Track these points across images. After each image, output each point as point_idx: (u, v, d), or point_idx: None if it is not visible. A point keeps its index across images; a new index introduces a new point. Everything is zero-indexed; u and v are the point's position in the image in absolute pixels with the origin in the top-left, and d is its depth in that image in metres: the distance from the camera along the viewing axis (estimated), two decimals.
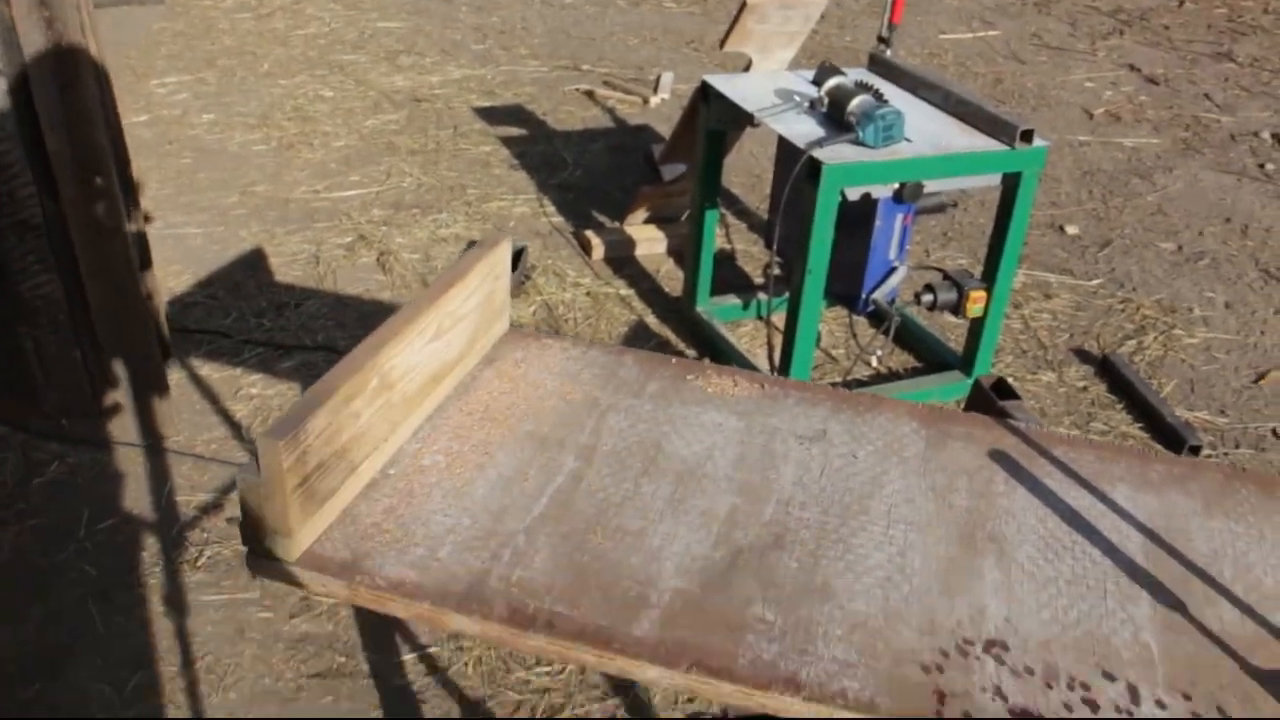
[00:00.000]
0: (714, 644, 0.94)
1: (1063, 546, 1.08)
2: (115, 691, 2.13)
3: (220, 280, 3.51)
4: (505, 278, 1.37)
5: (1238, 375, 3.31)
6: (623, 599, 0.98)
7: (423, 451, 1.17)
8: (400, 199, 4.06)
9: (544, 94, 5.13)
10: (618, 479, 1.14)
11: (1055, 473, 1.19)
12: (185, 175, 4.18)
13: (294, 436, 0.96)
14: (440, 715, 2.12)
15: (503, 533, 1.06)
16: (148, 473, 2.68)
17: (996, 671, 0.93)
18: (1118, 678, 0.94)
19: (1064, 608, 1.01)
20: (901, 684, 0.91)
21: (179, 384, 3.00)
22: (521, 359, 1.34)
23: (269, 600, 2.34)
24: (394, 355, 1.13)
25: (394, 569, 1.01)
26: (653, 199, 3.81)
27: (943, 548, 1.07)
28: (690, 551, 1.04)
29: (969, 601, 1.01)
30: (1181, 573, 1.07)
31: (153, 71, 5.15)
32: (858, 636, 0.96)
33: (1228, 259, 3.95)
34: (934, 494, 1.15)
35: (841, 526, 1.09)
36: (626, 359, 1.34)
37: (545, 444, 1.19)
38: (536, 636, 0.95)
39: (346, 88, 5.05)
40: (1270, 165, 4.70)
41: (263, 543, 1.01)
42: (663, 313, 3.46)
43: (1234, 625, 1.01)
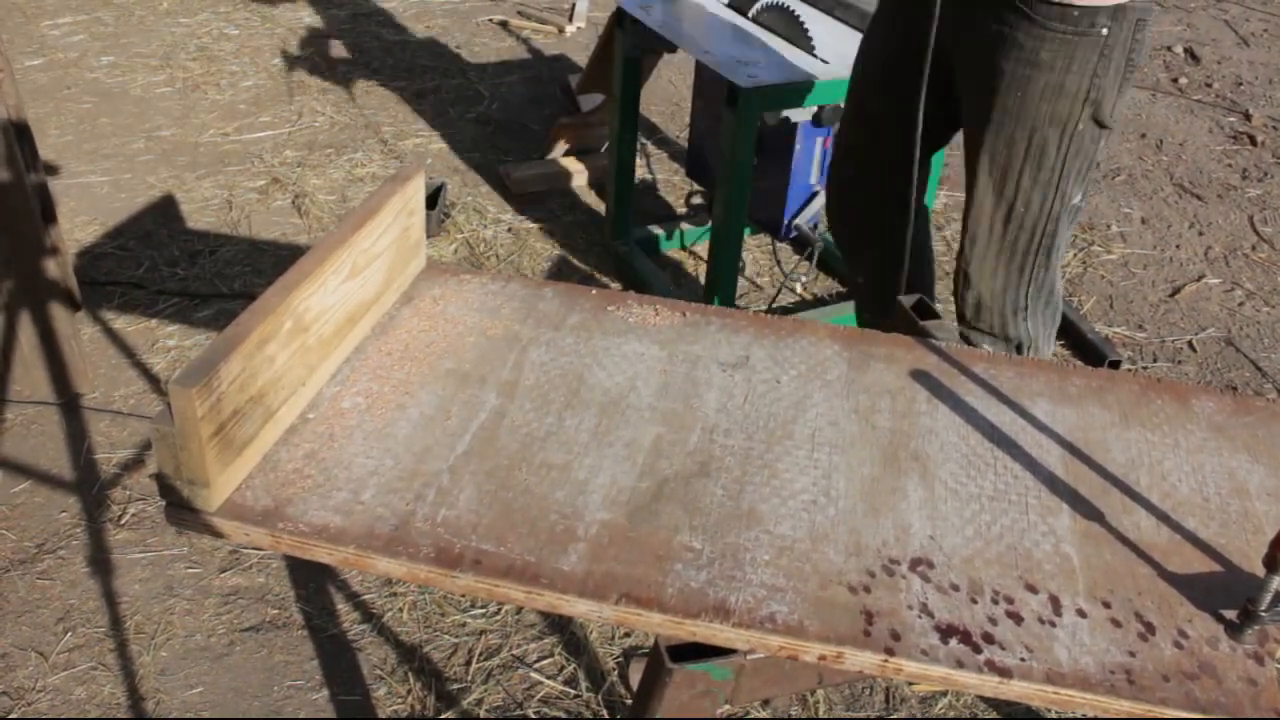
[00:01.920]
0: (642, 575, 0.94)
1: (984, 463, 1.10)
2: (42, 658, 2.09)
3: (130, 230, 3.40)
4: (420, 212, 1.33)
5: (1155, 290, 3.38)
6: (549, 534, 0.98)
7: (342, 394, 1.15)
8: (313, 139, 3.96)
9: (456, 26, 5.01)
10: (541, 413, 1.12)
11: (976, 390, 1.20)
12: (86, 121, 4.03)
13: (207, 383, 0.93)
14: (377, 664, 2.11)
15: (426, 473, 1.04)
16: (64, 431, 2.61)
17: (923, 589, 0.94)
18: (1040, 589, 0.95)
19: (987, 523, 1.02)
20: (829, 606, 0.92)
21: (92, 338, 2.92)
22: (440, 296, 1.31)
23: (197, 556, 2.31)
24: (307, 296, 1.10)
25: (317, 514, 0.99)
26: (572, 130, 3.76)
27: (867, 469, 1.08)
28: (616, 483, 1.04)
29: (894, 521, 1.02)
30: (1100, 483, 1.08)
31: (44, 11, 4.93)
32: (785, 561, 0.96)
33: (1144, 174, 4.01)
34: (857, 416, 1.15)
35: (766, 452, 1.09)
36: (546, 292, 1.33)
37: (466, 381, 1.17)
38: (464, 575, 0.94)
39: (252, 25, 4.89)
40: (1183, 80, 4.77)
41: (181, 494, 0.99)
42: (586, 246, 3.43)
43: (1150, 533, 1.03)
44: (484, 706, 2.03)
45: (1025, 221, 1.89)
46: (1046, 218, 1.88)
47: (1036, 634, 0.91)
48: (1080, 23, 1.70)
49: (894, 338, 1.29)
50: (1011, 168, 1.84)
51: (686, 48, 2.69)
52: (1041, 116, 1.78)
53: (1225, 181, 3.98)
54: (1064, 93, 1.75)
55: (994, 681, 0.88)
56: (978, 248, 1.94)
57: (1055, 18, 1.69)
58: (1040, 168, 1.83)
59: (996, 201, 1.89)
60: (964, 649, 0.89)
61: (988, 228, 1.92)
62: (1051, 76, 1.74)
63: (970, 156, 1.92)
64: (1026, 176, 1.84)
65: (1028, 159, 1.83)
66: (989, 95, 1.80)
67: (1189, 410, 1.20)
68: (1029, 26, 1.71)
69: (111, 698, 2.02)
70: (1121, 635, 0.92)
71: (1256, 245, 3.61)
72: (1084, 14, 1.69)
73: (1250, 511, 1.06)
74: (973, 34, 1.79)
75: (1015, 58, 1.74)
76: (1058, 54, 1.72)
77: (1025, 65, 1.74)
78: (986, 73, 1.79)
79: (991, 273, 1.95)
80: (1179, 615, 0.94)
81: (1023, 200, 1.87)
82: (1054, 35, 1.71)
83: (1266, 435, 1.17)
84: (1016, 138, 1.81)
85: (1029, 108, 1.77)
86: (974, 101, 1.86)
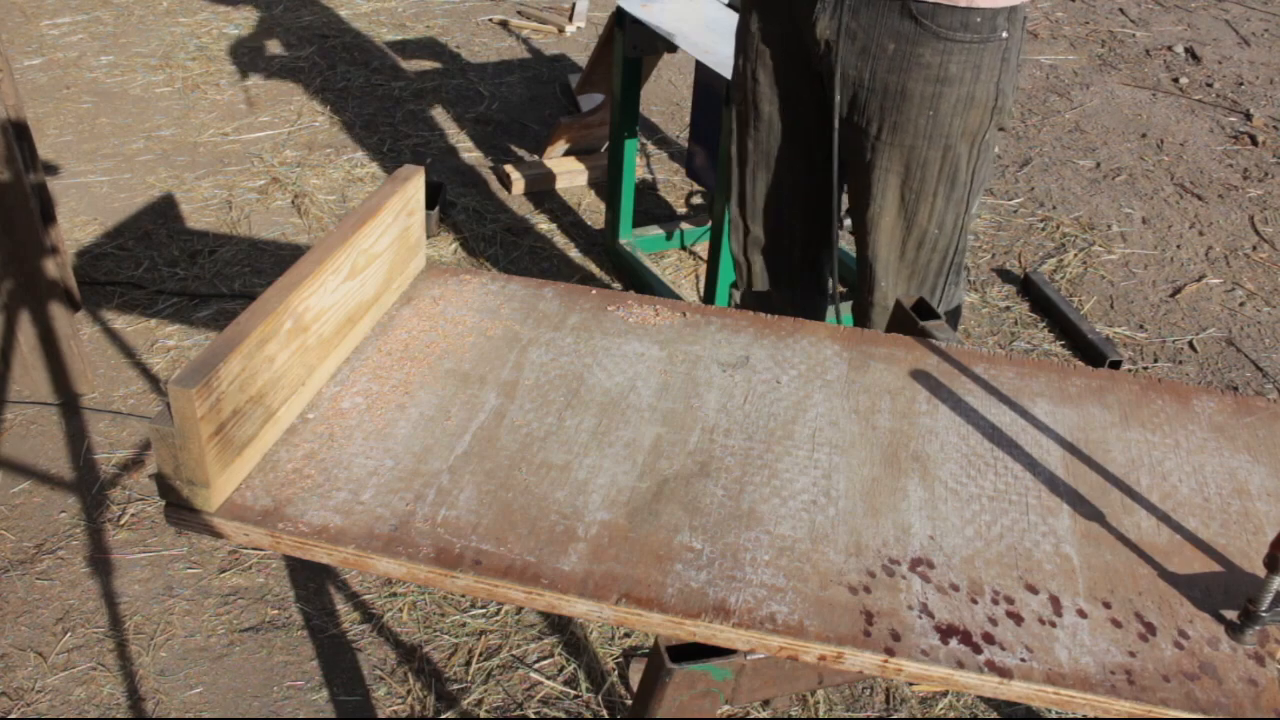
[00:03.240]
0: (642, 575, 0.93)
1: (985, 463, 1.09)
2: (41, 658, 2.09)
3: (129, 229, 3.40)
4: (420, 212, 1.33)
5: (1155, 290, 3.38)
6: (549, 534, 0.97)
7: (342, 394, 1.15)
8: (313, 139, 3.96)
9: (456, 25, 5.01)
10: (541, 413, 1.12)
11: (976, 390, 1.20)
12: (86, 121, 4.02)
13: (206, 384, 0.93)
14: (377, 664, 2.11)
15: (426, 473, 1.04)
16: (63, 431, 2.61)
17: (923, 589, 0.94)
18: (1040, 589, 0.95)
19: (987, 523, 1.02)
20: (829, 606, 0.92)
21: (92, 338, 2.92)
22: (440, 296, 1.31)
23: (197, 556, 2.31)
24: (307, 296, 1.09)
25: (317, 515, 0.99)
26: (571, 131, 3.76)
27: (867, 469, 1.08)
28: (616, 483, 1.04)
29: (894, 521, 1.01)
30: (1100, 483, 1.08)
31: (43, 11, 4.93)
32: (785, 561, 0.96)
33: (1144, 174, 4.01)
34: (857, 416, 1.15)
35: (766, 452, 1.09)
36: (546, 292, 1.32)
37: (466, 381, 1.17)
38: (464, 576, 0.94)
39: (252, 24, 4.88)
40: (1184, 79, 4.76)
41: (181, 494, 0.99)
42: (585, 247, 3.43)
43: (1151, 533, 1.03)
44: (484, 706, 2.03)
45: (939, 243, 1.82)
46: (958, 234, 1.83)
47: (1037, 634, 0.91)
48: (983, 29, 1.64)
49: (894, 338, 1.29)
50: (925, 192, 1.77)
51: (686, 48, 2.68)
52: (954, 132, 1.72)
53: (1226, 181, 3.97)
54: (974, 104, 1.70)
55: (994, 682, 0.88)
56: (888, 277, 1.87)
57: (959, 27, 1.63)
58: (954, 185, 1.77)
59: (908, 229, 1.81)
60: (964, 649, 0.89)
61: (897, 255, 1.85)
62: (961, 89, 1.68)
63: (869, 182, 1.81)
64: (940, 197, 1.78)
65: (940, 179, 1.76)
66: (897, 118, 1.72)
67: (1190, 410, 1.20)
68: (934, 42, 1.65)
69: (111, 698, 2.02)
70: (1122, 635, 0.91)
71: (1257, 245, 3.61)
72: (985, 20, 1.64)
73: (1251, 512, 1.06)
74: (872, 59, 1.70)
75: (923, 76, 1.67)
76: (965, 65, 1.67)
77: (934, 82, 1.67)
78: (893, 96, 1.71)
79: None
80: (1179, 615, 0.94)
81: (936, 222, 1.80)
82: (959, 46, 1.65)
83: (1267, 435, 1.17)
84: (930, 159, 1.74)
85: (941, 125, 1.71)
86: (877, 126, 1.75)
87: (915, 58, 1.66)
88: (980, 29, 1.64)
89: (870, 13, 1.67)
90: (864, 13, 1.67)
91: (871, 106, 1.74)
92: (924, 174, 1.76)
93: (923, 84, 1.68)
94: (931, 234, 1.81)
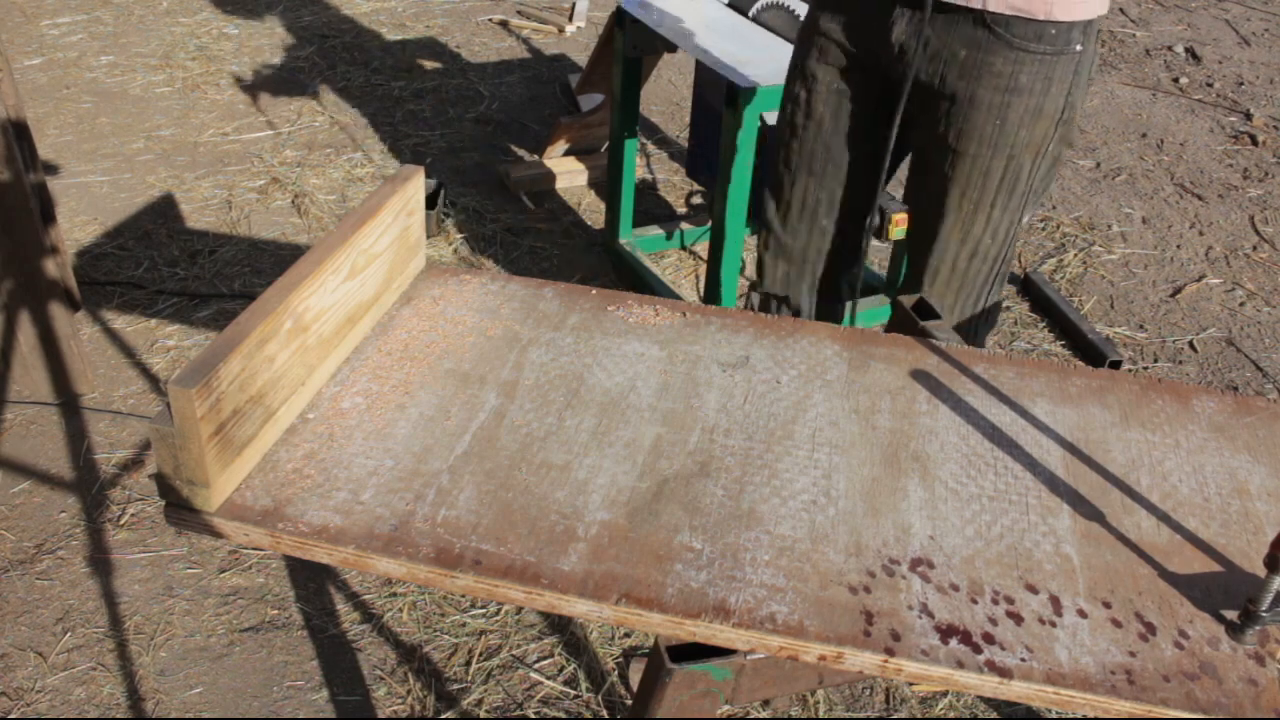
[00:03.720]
0: (642, 575, 0.93)
1: (985, 463, 1.09)
2: (41, 658, 2.09)
3: (129, 229, 3.40)
4: (420, 212, 1.33)
5: (1155, 290, 3.38)
6: (549, 534, 0.97)
7: (342, 394, 1.15)
8: (313, 139, 3.96)
9: (456, 25, 5.01)
10: (541, 413, 1.12)
11: (976, 390, 1.20)
12: (86, 121, 4.02)
13: (206, 383, 0.93)
14: (377, 664, 2.11)
15: (426, 473, 1.04)
16: (63, 431, 2.61)
17: (923, 589, 0.94)
18: (1040, 589, 0.95)
19: (987, 523, 1.02)
20: (830, 606, 0.92)
21: (92, 338, 2.92)
22: (439, 296, 1.31)
23: (196, 556, 2.31)
24: (307, 296, 1.09)
25: (317, 514, 0.99)
26: (571, 131, 3.76)
27: (867, 469, 1.08)
28: (616, 483, 1.03)
29: (894, 521, 1.01)
30: (1100, 483, 1.08)
31: (43, 11, 4.93)
32: (785, 561, 0.96)
33: (1144, 174, 4.01)
34: (857, 416, 1.15)
35: (766, 452, 1.09)
36: (546, 292, 1.32)
37: (466, 381, 1.17)
38: (464, 576, 0.94)
39: (252, 24, 4.88)
40: (1184, 79, 4.77)
41: (180, 494, 0.99)
42: (585, 247, 3.43)
43: (1151, 533, 1.03)
44: (484, 706, 2.03)
45: (990, 253, 1.82)
46: (1008, 245, 1.82)
47: (1037, 634, 0.91)
48: (1057, 41, 1.63)
49: (894, 338, 1.29)
50: (983, 202, 1.75)
51: (686, 48, 2.68)
52: (1019, 143, 1.70)
53: (1226, 181, 3.97)
54: (1042, 115, 1.69)
55: (994, 682, 0.88)
56: (935, 284, 1.86)
57: (1032, 38, 1.62)
58: (1011, 195, 1.76)
59: (963, 240, 1.80)
60: (964, 649, 0.89)
61: (949, 265, 1.84)
62: (1030, 100, 1.67)
63: (930, 189, 1.80)
64: (998, 208, 1.76)
65: (1000, 190, 1.75)
66: (963, 125, 1.71)
67: (1190, 410, 1.20)
68: (1006, 50, 1.63)
69: (111, 698, 2.02)
70: (1122, 635, 0.91)
71: (1257, 245, 3.61)
72: (1060, 32, 1.62)
73: (1251, 512, 1.06)
74: (943, 65, 1.69)
75: (993, 85, 1.66)
76: (1036, 76, 1.65)
77: (1003, 92, 1.66)
78: (961, 103, 1.70)
79: (949, 308, 1.88)
80: (1179, 615, 0.94)
81: (990, 233, 1.78)
82: (1032, 57, 1.63)
83: (1267, 435, 1.17)
84: (993, 168, 1.72)
85: (1007, 135, 1.69)
86: (942, 133, 1.74)
87: (986, 65, 1.65)
88: (1054, 41, 1.63)
89: (946, 20, 1.65)
90: (940, 19, 1.66)
91: (938, 112, 1.73)
92: (984, 183, 1.74)
93: (992, 92, 1.67)
94: (985, 244, 1.80)
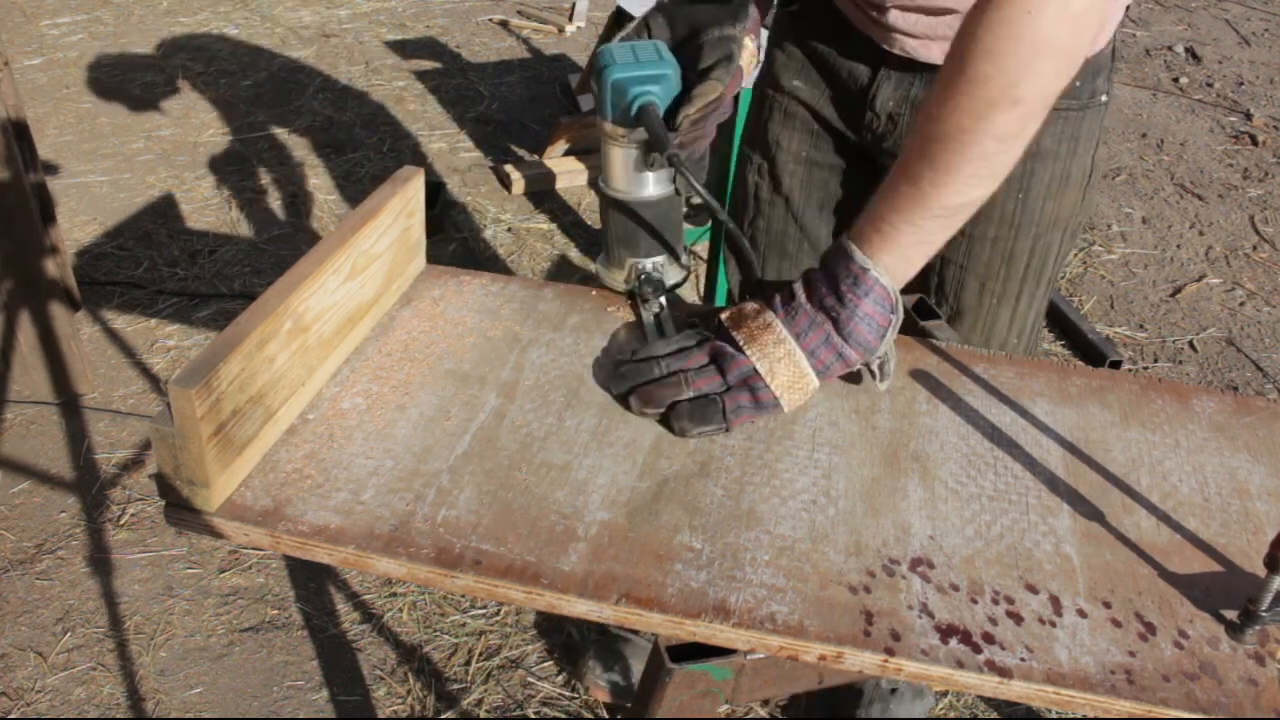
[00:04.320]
0: (642, 575, 0.93)
1: (985, 463, 1.09)
2: (41, 658, 2.09)
3: (129, 229, 3.40)
4: (420, 213, 1.33)
5: (1155, 290, 3.38)
6: (549, 534, 0.97)
7: (342, 394, 1.15)
8: (313, 139, 3.96)
9: (456, 25, 5.01)
10: (541, 414, 1.12)
11: (976, 390, 1.20)
12: (86, 121, 4.02)
13: (206, 384, 0.93)
14: (377, 664, 2.11)
15: (426, 473, 1.04)
16: (63, 431, 2.61)
17: (923, 589, 0.94)
18: (1040, 589, 0.95)
19: (987, 523, 1.02)
20: (829, 605, 0.92)
21: (92, 338, 2.92)
22: (440, 297, 1.31)
23: (196, 556, 2.31)
24: (307, 297, 1.09)
25: (317, 514, 0.99)
26: (572, 130, 3.76)
27: (867, 469, 1.08)
28: (616, 483, 1.03)
29: (894, 521, 1.01)
30: (1100, 483, 1.08)
31: (43, 11, 4.93)
32: (785, 561, 0.96)
33: (1144, 174, 4.01)
34: (857, 416, 1.15)
35: (766, 452, 1.09)
36: (546, 292, 1.32)
37: (466, 381, 1.17)
38: (464, 575, 0.94)
39: (252, 24, 4.89)
40: (1184, 79, 4.77)
41: (180, 494, 0.98)
42: (585, 247, 3.43)
43: (1150, 533, 1.03)
44: (484, 706, 2.03)
45: (1015, 351, 1.55)
46: (1034, 339, 1.58)
47: (1037, 634, 0.91)
48: (1082, 94, 1.38)
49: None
50: (1008, 294, 1.48)
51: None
52: (1046, 219, 1.43)
53: (1226, 181, 3.97)
54: (1070, 183, 1.42)
55: (994, 682, 0.88)
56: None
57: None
58: (1039, 281, 1.49)
59: (986, 340, 1.54)
60: (964, 649, 0.89)
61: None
62: (1056, 166, 1.40)
63: (938, 286, 1.52)
64: (1024, 298, 1.50)
65: (1027, 276, 1.47)
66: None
67: (1190, 410, 1.20)
68: None
69: (111, 698, 2.02)
70: (1122, 635, 0.91)
71: (1257, 245, 3.61)
72: (1085, 82, 1.37)
73: (1251, 511, 1.06)
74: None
75: None
76: (1062, 137, 1.39)
77: (1025, 159, 1.26)
78: None
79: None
80: (1179, 615, 0.94)
81: (1016, 330, 1.52)
82: (1056, 115, 1.34)
83: (1267, 435, 1.17)
84: (1016, 252, 1.45)
85: (1031, 212, 1.42)
86: None
87: None
88: (1079, 94, 1.38)
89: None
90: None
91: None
92: (1008, 271, 1.46)
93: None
94: (1011, 345, 1.55)
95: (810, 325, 1.08)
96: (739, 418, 1.09)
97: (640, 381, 1.11)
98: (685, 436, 1.08)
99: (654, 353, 1.14)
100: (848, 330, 1.07)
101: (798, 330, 1.08)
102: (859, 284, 1.06)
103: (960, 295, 1.50)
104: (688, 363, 1.12)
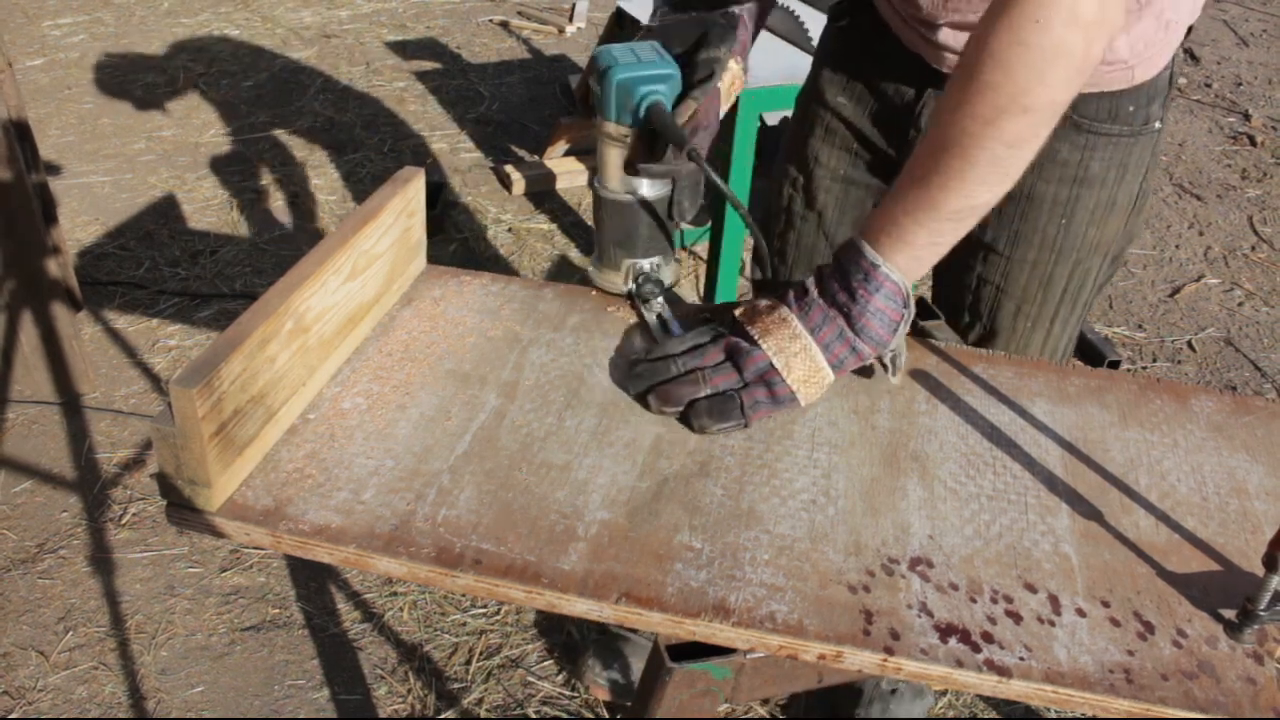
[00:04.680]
0: (642, 574, 0.94)
1: (984, 463, 1.10)
2: (43, 657, 2.09)
3: (131, 230, 3.41)
4: (420, 213, 1.33)
5: (1154, 290, 3.38)
6: (549, 533, 0.98)
7: (343, 394, 1.15)
8: (313, 139, 3.96)
9: (457, 26, 5.01)
10: (541, 414, 1.13)
11: (975, 390, 1.20)
12: (88, 121, 4.03)
13: (208, 383, 0.94)
14: (378, 663, 2.11)
15: (427, 472, 1.05)
16: (65, 431, 2.61)
17: (922, 588, 0.95)
18: (1039, 589, 0.96)
19: (986, 523, 1.02)
20: (829, 605, 0.92)
21: (93, 338, 2.92)
22: (440, 297, 1.31)
23: (198, 555, 2.31)
24: (308, 297, 1.10)
25: (318, 514, 0.99)
26: (571, 131, 3.77)
27: (866, 469, 1.08)
28: (616, 483, 1.04)
29: (893, 521, 1.02)
30: (1099, 483, 1.09)
31: (45, 12, 4.93)
32: (784, 560, 0.96)
33: None
34: (857, 416, 1.15)
35: (766, 452, 1.09)
36: (547, 293, 1.33)
37: (467, 381, 1.17)
38: (464, 575, 0.94)
39: (253, 25, 4.89)
40: (1183, 80, 4.77)
41: (182, 494, 0.99)
42: (586, 247, 3.44)
43: (1149, 532, 1.03)
44: (484, 706, 2.04)
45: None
46: (1067, 352, 1.55)
47: (1035, 633, 0.91)
48: (1134, 120, 1.35)
49: None
50: (1043, 317, 1.46)
51: None
52: (1087, 245, 1.41)
53: (1225, 182, 3.98)
54: (1115, 210, 1.40)
55: (993, 681, 0.88)
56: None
57: (1105, 117, 1.34)
58: (1075, 306, 1.47)
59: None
60: (963, 648, 0.89)
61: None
62: (1103, 193, 1.38)
63: (974, 306, 1.50)
64: (1059, 322, 1.47)
65: (1064, 300, 1.45)
66: (1020, 227, 1.41)
67: (1188, 410, 1.20)
68: (1073, 135, 1.35)
69: (112, 697, 2.03)
70: (1120, 634, 0.92)
71: (1256, 245, 3.62)
72: (1139, 107, 1.35)
73: (1249, 511, 1.06)
74: None
75: (1057, 177, 1.37)
76: (1110, 164, 1.37)
77: (1069, 184, 1.37)
78: (1016, 201, 1.38)
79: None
80: (1178, 614, 0.94)
81: (1049, 353, 1.50)
82: (1106, 140, 1.35)
83: (1265, 435, 1.17)
84: (1054, 277, 1.42)
85: (1073, 237, 1.40)
86: (991, 238, 1.43)
87: (1049, 154, 1.31)
88: (1132, 119, 1.35)
89: None
90: None
91: (987, 213, 1.29)
92: (1045, 295, 1.44)
93: (1056, 186, 1.38)
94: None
95: (824, 320, 1.10)
96: (757, 413, 1.10)
97: (658, 380, 1.13)
98: (705, 433, 1.09)
99: (669, 351, 1.15)
100: (860, 325, 1.09)
101: (812, 325, 1.10)
102: (870, 280, 1.08)
103: (995, 316, 1.48)
104: (704, 360, 1.13)
